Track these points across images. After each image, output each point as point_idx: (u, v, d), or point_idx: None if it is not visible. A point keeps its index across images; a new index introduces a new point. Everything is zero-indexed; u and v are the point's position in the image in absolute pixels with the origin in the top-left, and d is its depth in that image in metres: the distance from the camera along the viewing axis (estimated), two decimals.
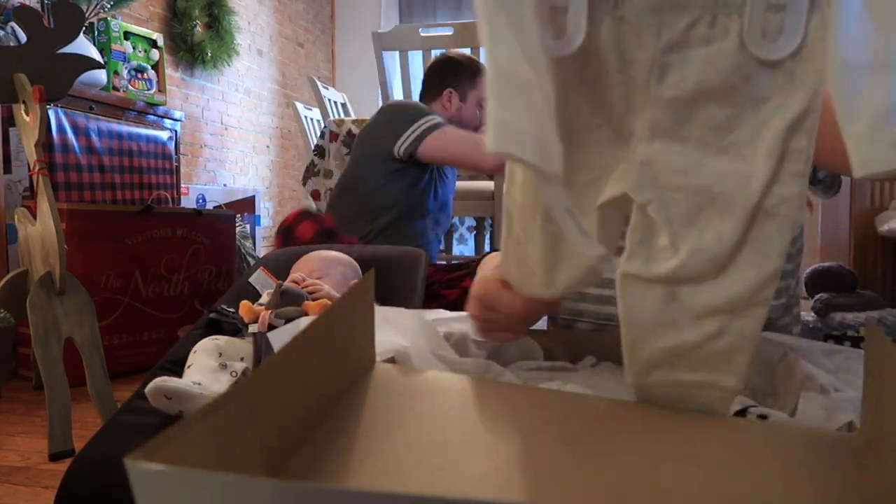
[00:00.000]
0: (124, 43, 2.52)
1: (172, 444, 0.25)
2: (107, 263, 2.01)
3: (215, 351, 0.74)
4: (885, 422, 0.37)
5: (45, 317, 1.46)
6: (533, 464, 0.36)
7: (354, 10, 5.01)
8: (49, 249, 1.51)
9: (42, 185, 1.49)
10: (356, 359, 0.46)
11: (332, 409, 0.40)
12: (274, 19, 4.22)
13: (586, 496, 0.33)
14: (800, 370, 0.61)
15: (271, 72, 4.20)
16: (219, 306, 0.89)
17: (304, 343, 0.37)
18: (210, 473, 0.22)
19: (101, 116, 2.21)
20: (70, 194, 2.05)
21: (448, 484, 0.34)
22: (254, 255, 2.91)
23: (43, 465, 1.36)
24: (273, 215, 4.23)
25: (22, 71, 1.50)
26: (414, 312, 0.66)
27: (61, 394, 1.42)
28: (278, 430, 0.34)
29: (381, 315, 0.51)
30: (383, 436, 0.38)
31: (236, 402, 0.30)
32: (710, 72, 0.42)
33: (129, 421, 0.65)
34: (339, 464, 0.35)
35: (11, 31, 2.00)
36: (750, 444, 0.39)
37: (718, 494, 0.34)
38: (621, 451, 0.38)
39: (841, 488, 0.35)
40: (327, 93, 2.79)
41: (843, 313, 1.55)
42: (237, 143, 3.83)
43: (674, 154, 0.44)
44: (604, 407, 0.44)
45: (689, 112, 0.43)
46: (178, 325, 2.20)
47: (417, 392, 0.44)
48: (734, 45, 0.42)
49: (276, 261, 1.25)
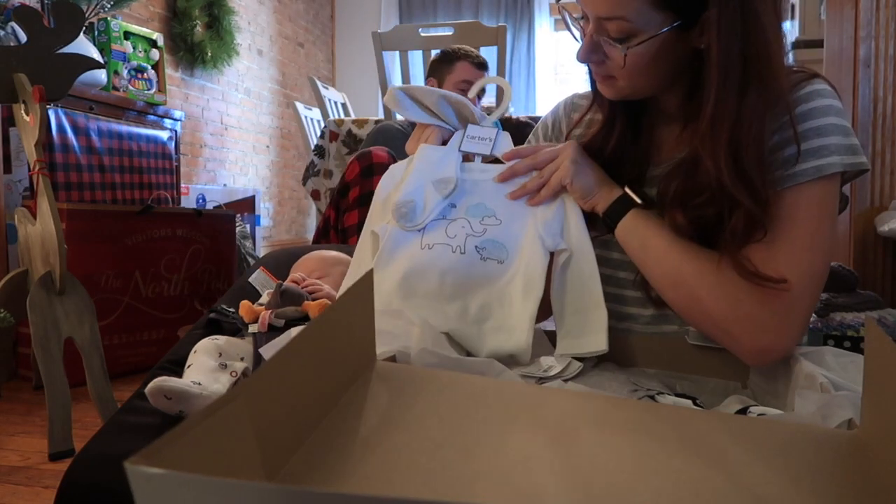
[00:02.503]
0: (124, 43, 2.52)
1: (172, 448, 0.25)
2: (107, 263, 2.01)
3: (215, 351, 0.74)
4: (885, 420, 0.37)
5: (45, 317, 1.46)
6: (533, 464, 0.36)
7: (354, 10, 5.01)
8: (49, 249, 1.51)
9: (42, 185, 1.49)
10: (356, 358, 0.46)
11: (332, 409, 0.40)
12: (274, 19, 4.22)
13: (586, 496, 0.33)
14: (800, 370, 0.61)
15: (271, 72, 4.20)
16: (219, 306, 0.88)
17: (303, 343, 0.37)
18: (209, 478, 0.22)
19: (101, 116, 2.21)
20: (70, 194, 2.05)
21: (448, 485, 0.34)
22: (254, 255, 2.91)
23: (43, 465, 1.36)
24: (273, 215, 4.23)
25: (22, 71, 1.50)
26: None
27: (61, 394, 1.42)
28: (278, 430, 0.34)
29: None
30: (383, 436, 0.38)
31: (236, 404, 0.30)
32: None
33: (129, 421, 0.65)
34: (338, 464, 0.35)
35: (11, 31, 2.00)
36: (750, 442, 0.39)
37: (718, 492, 0.34)
38: (621, 450, 0.38)
39: (841, 485, 0.35)
40: (327, 93, 2.79)
41: (843, 313, 1.55)
42: (237, 143, 3.83)
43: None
44: (604, 406, 0.44)
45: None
46: (178, 325, 2.20)
47: (418, 391, 0.44)
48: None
49: (276, 261, 1.25)
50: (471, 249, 0.72)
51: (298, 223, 4.61)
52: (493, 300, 0.70)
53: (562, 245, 0.71)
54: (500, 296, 0.71)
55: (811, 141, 0.66)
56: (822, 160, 0.66)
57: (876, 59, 1.73)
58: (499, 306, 0.70)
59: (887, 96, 1.71)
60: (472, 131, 0.79)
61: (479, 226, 0.74)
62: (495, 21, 4.63)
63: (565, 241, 0.72)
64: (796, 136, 0.66)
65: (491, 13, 4.71)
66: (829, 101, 0.68)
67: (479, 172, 0.78)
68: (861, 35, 1.75)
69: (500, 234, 0.73)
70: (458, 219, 0.75)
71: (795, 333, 0.66)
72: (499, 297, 0.70)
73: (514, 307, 0.69)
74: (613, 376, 0.68)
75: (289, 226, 4.47)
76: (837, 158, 0.66)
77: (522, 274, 0.70)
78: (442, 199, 0.75)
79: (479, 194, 0.76)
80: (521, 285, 0.70)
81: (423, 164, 0.77)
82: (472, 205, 0.75)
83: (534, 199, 0.75)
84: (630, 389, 0.64)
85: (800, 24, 2.47)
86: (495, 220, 0.74)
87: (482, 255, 0.72)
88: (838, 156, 0.66)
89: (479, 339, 0.69)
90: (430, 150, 0.78)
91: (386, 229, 0.74)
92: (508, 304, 0.70)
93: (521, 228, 0.73)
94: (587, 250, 0.72)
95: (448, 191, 0.75)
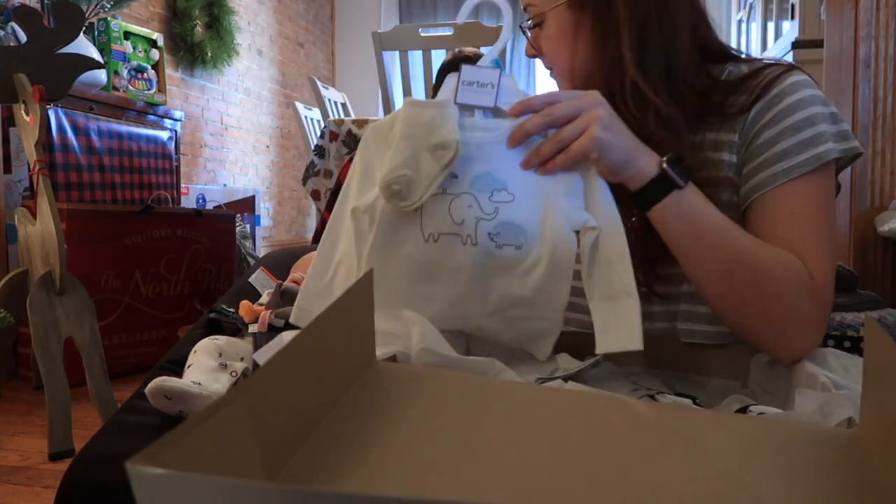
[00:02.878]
0: (124, 43, 2.52)
1: (173, 448, 0.25)
2: (107, 263, 2.01)
3: (215, 351, 0.74)
4: (885, 419, 0.37)
5: (45, 317, 1.46)
6: (533, 464, 0.36)
7: (354, 10, 5.01)
8: (49, 249, 1.51)
9: (42, 185, 1.49)
10: (356, 358, 0.46)
11: (332, 409, 0.40)
12: (274, 19, 4.22)
13: (586, 495, 0.33)
14: (801, 370, 0.61)
15: (271, 72, 4.20)
16: (219, 306, 0.88)
17: (303, 343, 0.37)
18: (210, 477, 0.22)
19: (101, 116, 2.21)
20: (70, 194, 2.05)
21: (448, 485, 0.34)
22: (254, 255, 2.91)
23: (43, 465, 1.36)
24: (273, 215, 4.24)
25: (22, 71, 1.50)
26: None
27: (61, 394, 1.42)
28: (278, 430, 0.34)
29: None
30: (384, 435, 0.38)
31: (236, 404, 0.30)
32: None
33: (129, 421, 0.65)
34: (339, 464, 0.35)
35: (11, 31, 2.00)
36: (750, 441, 0.39)
37: (718, 491, 0.34)
38: (621, 450, 0.38)
39: (840, 485, 0.35)
40: (327, 93, 2.79)
41: (843, 313, 1.55)
42: (237, 143, 3.83)
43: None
44: (604, 405, 0.44)
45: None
46: (178, 325, 2.20)
47: (418, 391, 0.44)
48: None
49: (276, 261, 1.25)
50: (483, 238, 0.61)
51: (298, 223, 4.61)
52: (514, 289, 0.62)
53: (590, 222, 0.61)
54: (521, 284, 0.61)
55: (805, 131, 0.66)
56: (820, 147, 0.66)
57: (876, 59, 1.73)
58: (522, 294, 0.62)
59: (887, 96, 1.71)
60: (467, 75, 0.63)
61: (489, 204, 0.61)
62: (495, 21, 4.63)
63: (592, 217, 0.61)
64: (788, 128, 0.67)
65: (491, 13, 4.71)
66: (812, 91, 0.68)
67: (481, 131, 0.63)
68: (861, 35, 1.75)
69: (515, 213, 0.61)
70: (463, 194, 0.62)
71: (825, 327, 0.65)
72: (520, 285, 0.61)
73: (542, 294, 0.61)
74: (613, 376, 0.68)
75: (289, 226, 4.47)
76: (833, 145, 0.66)
77: (548, 261, 0.61)
78: (441, 169, 0.61)
79: (484, 160, 0.62)
80: (546, 271, 0.61)
81: (413, 125, 0.62)
82: (477, 175, 0.62)
83: (546, 167, 0.62)
84: (630, 389, 0.64)
85: (800, 24, 2.47)
86: (507, 194, 0.61)
87: (497, 243, 0.61)
88: (833, 143, 0.66)
89: (504, 330, 0.63)
90: (418, 107, 0.63)
91: (375, 209, 0.63)
92: (534, 292, 0.61)
93: (539, 204, 0.62)
94: (615, 224, 0.61)
95: (448, 158, 0.60)
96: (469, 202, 0.61)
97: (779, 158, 0.67)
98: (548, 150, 0.61)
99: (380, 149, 0.64)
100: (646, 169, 0.62)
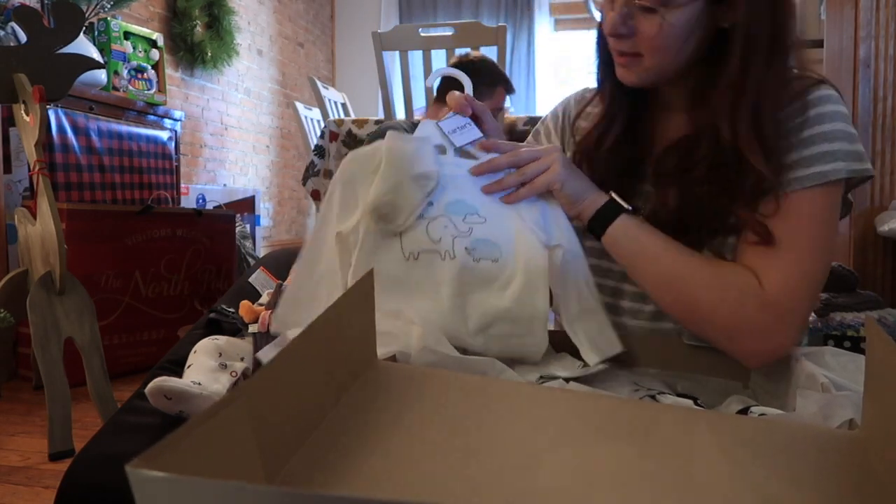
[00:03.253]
0: (124, 43, 2.52)
1: (173, 451, 0.25)
2: (107, 263, 2.01)
3: (215, 351, 0.74)
4: (886, 419, 0.37)
5: (45, 317, 1.46)
6: (534, 464, 0.36)
7: (354, 10, 5.01)
8: (49, 249, 1.51)
9: (42, 185, 1.49)
10: (356, 358, 0.46)
11: (332, 409, 0.40)
12: (274, 19, 4.22)
13: (588, 496, 0.33)
14: (801, 370, 0.61)
15: (271, 72, 4.20)
16: (219, 306, 0.88)
17: (304, 343, 0.37)
18: (210, 480, 0.22)
19: (101, 116, 2.21)
20: (70, 194, 2.05)
21: (449, 485, 0.33)
22: (254, 255, 2.91)
23: (43, 465, 1.36)
24: (273, 215, 4.24)
25: (22, 71, 1.50)
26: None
27: (61, 394, 1.42)
28: (278, 431, 0.34)
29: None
30: (384, 436, 0.38)
31: (236, 405, 0.30)
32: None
33: (129, 421, 0.65)
34: (339, 465, 0.35)
35: (11, 31, 1.99)
36: (751, 442, 0.39)
37: (719, 492, 0.34)
38: (623, 451, 0.38)
39: (842, 486, 0.35)
40: (327, 93, 2.79)
41: (843, 313, 1.55)
42: (237, 143, 3.83)
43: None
44: (605, 406, 0.44)
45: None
46: (178, 325, 2.20)
47: (419, 392, 0.44)
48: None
49: (276, 261, 1.25)
50: (461, 252, 0.65)
51: (298, 223, 4.61)
52: (494, 301, 0.65)
53: (554, 241, 0.68)
54: (499, 296, 0.65)
55: (818, 146, 0.67)
56: (827, 166, 0.66)
57: (876, 59, 1.73)
58: (502, 306, 0.65)
59: (887, 96, 1.71)
60: (447, 126, 0.74)
61: (463, 224, 0.67)
62: (495, 21, 4.63)
63: (556, 239, 0.68)
64: (803, 140, 0.67)
65: (491, 13, 4.71)
66: (837, 107, 0.68)
67: (453, 167, 0.72)
68: (861, 35, 1.75)
69: (489, 232, 0.67)
70: (439, 217, 0.68)
71: (795, 336, 0.66)
72: (499, 297, 0.65)
73: (522, 306, 0.65)
74: (614, 376, 0.68)
75: (289, 226, 4.47)
76: (843, 164, 0.66)
77: (524, 271, 0.65)
78: (424, 196, 0.68)
79: (456, 190, 0.70)
80: (523, 282, 0.65)
81: (398, 156, 0.69)
82: (451, 201, 0.69)
83: (511, 197, 0.71)
84: (631, 389, 0.64)
85: (799, 24, 2.47)
86: (478, 217, 0.68)
87: (474, 257, 0.66)
88: (843, 162, 0.66)
89: (489, 351, 0.64)
90: (402, 140, 0.70)
91: (357, 232, 0.67)
92: (513, 303, 0.64)
93: (510, 226, 0.68)
94: (578, 250, 0.69)
95: (430, 187, 0.68)
96: (445, 223, 0.68)
97: (786, 168, 0.67)
98: (511, 181, 0.71)
99: (365, 175, 0.69)
100: (598, 199, 0.72)
